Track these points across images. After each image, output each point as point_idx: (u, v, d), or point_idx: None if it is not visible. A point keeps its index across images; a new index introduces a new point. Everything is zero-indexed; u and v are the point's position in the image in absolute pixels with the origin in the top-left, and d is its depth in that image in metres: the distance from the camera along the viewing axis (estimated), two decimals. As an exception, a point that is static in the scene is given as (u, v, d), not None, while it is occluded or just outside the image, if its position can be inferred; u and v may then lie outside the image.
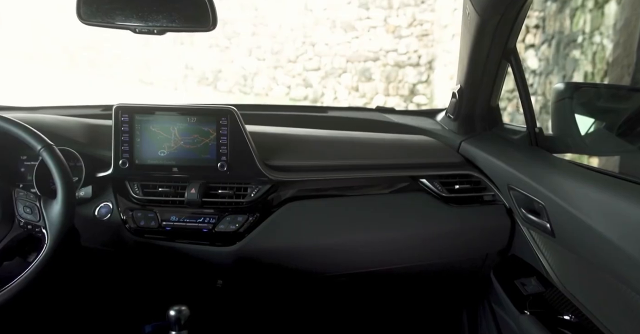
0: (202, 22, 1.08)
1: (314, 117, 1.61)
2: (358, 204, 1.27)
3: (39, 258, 0.95)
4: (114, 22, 1.09)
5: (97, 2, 1.07)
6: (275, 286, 1.40)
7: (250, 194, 1.21)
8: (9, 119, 1.01)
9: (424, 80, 8.07)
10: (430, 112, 1.63)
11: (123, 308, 1.42)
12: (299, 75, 8.88)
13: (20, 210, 0.99)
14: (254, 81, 9.21)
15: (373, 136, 1.41)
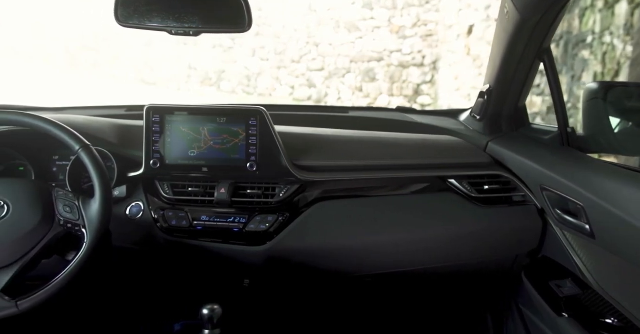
0: (238, 23, 1.09)
1: (335, 118, 1.62)
2: (386, 204, 1.28)
3: (79, 256, 0.96)
4: (151, 24, 1.10)
5: (135, 5, 1.08)
6: (303, 286, 1.41)
7: (279, 194, 1.22)
8: (49, 120, 1.02)
9: (428, 81, 8.07)
10: (451, 113, 1.64)
11: (153, 307, 1.43)
12: (303, 75, 8.87)
13: (60, 209, 1.00)
14: (258, 82, 9.20)
15: (400, 136, 1.41)
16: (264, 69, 9.11)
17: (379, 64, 8.34)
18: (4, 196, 0.99)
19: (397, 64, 8.20)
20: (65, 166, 1.28)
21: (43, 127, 1.02)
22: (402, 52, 8.14)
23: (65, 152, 1.28)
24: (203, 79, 9.57)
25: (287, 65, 8.96)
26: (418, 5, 7.85)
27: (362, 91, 8.54)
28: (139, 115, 1.43)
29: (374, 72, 8.40)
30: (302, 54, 8.81)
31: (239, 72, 9.27)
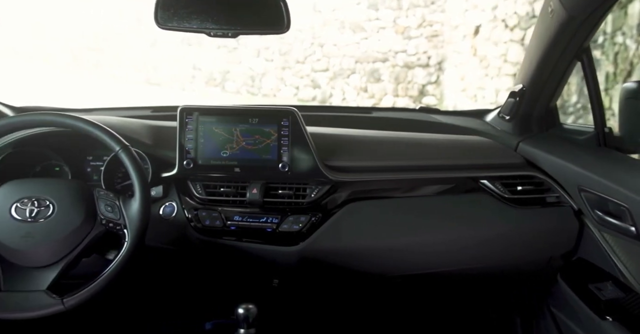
0: (276, 24, 1.09)
1: (358, 118, 1.63)
2: (418, 205, 1.28)
3: (121, 254, 0.98)
4: (190, 26, 1.11)
5: (174, 7, 1.09)
6: (333, 286, 1.41)
7: (311, 195, 1.23)
8: (90, 121, 1.04)
9: (434, 81, 8.07)
10: (476, 113, 1.64)
11: (183, 305, 1.43)
12: (307, 76, 8.87)
13: (102, 208, 1.02)
14: (262, 82, 9.20)
15: (429, 136, 1.41)
16: (268, 69, 9.10)
17: (384, 65, 8.33)
18: (49, 195, 1.00)
19: (402, 65, 8.20)
20: (98, 166, 1.30)
21: (84, 128, 1.03)
22: (407, 53, 8.14)
23: (99, 153, 1.30)
24: (207, 79, 9.57)
25: (291, 66, 8.96)
26: (423, 6, 7.85)
27: (367, 92, 8.54)
28: (165, 116, 1.46)
29: (378, 72, 8.39)
30: (306, 54, 8.81)
31: (244, 73, 9.28)
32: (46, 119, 1.05)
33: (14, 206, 0.98)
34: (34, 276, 0.96)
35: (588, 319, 1.10)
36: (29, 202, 0.99)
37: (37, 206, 0.99)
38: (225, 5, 1.09)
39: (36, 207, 0.98)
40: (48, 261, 0.97)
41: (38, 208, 0.98)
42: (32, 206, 0.98)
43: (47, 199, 1.00)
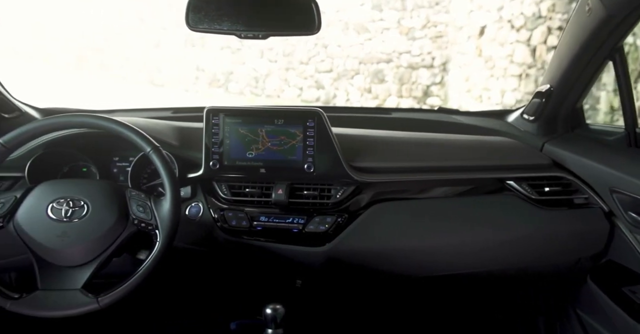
0: (308, 25, 1.09)
1: (378, 119, 1.63)
2: (443, 206, 1.27)
3: (153, 254, 1.00)
4: (220, 28, 1.11)
5: (205, 9, 1.09)
6: (358, 287, 1.41)
7: (336, 195, 1.23)
8: (122, 123, 1.05)
9: (438, 82, 8.06)
10: (496, 113, 1.63)
11: (209, 305, 1.43)
12: (311, 77, 8.87)
13: (134, 208, 1.03)
14: (266, 83, 9.20)
15: (453, 137, 1.41)
16: (272, 70, 9.10)
17: (388, 66, 8.33)
18: (83, 196, 1.02)
19: (406, 66, 8.19)
20: (124, 167, 1.31)
21: (117, 130, 1.04)
22: (411, 54, 8.13)
23: (124, 154, 1.31)
24: (211, 80, 9.57)
25: (295, 67, 8.96)
26: (428, 7, 7.84)
27: (370, 93, 8.54)
28: (186, 117, 1.46)
29: (382, 73, 8.39)
30: (310, 55, 8.81)
31: (247, 74, 9.27)
32: (80, 121, 1.06)
33: (50, 206, 1.00)
34: (69, 275, 0.97)
35: (622, 322, 1.09)
36: (64, 202, 1.00)
37: (72, 206, 1.00)
38: (257, 7, 1.09)
39: (71, 207, 1.00)
40: (82, 260, 0.98)
41: (73, 208, 1.00)
42: (68, 206, 1.00)
43: (82, 200, 1.01)
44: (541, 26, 5.11)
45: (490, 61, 6.29)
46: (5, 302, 0.95)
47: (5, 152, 1.03)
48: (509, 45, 5.78)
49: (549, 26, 4.98)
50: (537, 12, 5.18)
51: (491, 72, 6.30)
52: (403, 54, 8.18)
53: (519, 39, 5.56)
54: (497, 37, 6.07)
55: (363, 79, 8.51)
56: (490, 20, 6.23)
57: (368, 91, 8.53)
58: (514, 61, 5.72)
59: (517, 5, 5.56)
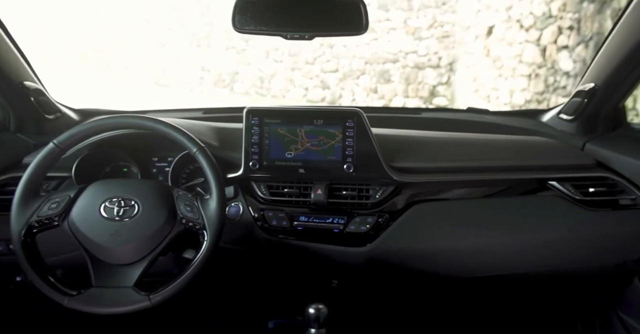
0: (355, 26, 1.09)
1: (408, 119, 1.62)
2: (484, 206, 1.26)
3: (201, 253, 1.00)
4: (267, 30, 1.11)
5: (251, 11, 1.09)
6: (399, 287, 1.40)
7: (375, 196, 1.23)
8: (169, 124, 1.06)
9: (444, 82, 8.06)
10: (527, 113, 1.62)
11: (246, 304, 1.43)
12: (317, 77, 8.86)
13: (182, 208, 1.04)
14: (271, 83, 9.20)
15: (492, 137, 1.40)
16: (277, 70, 9.09)
17: (394, 66, 8.32)
18: (134, 195, 1.03)
19: (412, 66, 8.19)
20: (163, 167, 1.34)
21: (164, 130, 1.05)
22: (417, 54, 8.12)
23: (163, 154, 1.33)
24: (216, 80, 9.56)
25: (300, 67, 8.95)
26: (434, 7, 7.84)
27: (376, 93, 8.53)
28: (217, 117, 1.47)
29: (389, 73, 8.38)
30: (316, 55, 8.80)
31: (252, 74, 9.27)
32: (130, 122, 1.07)
33: (102, 205, 1.01)
34: (121, 272, 0.99)
35: None
36: (116, 201, 1.02)
37: (123, 205, 1.02)
38: (304, 8, 1.09)
39: (122, 206, 1.01)
40: (133, 259, 1.00)
41: (124, 208, 1.01)
42: (119, 205, 1.01)
43: (132, 199, 1.03)
44: (551, 26, 5.10)
45: (499, 61, 6.28)
46: (63, 298, 0.97)
47: (60, 153, 1.05)
48: (518, 45, 5.78)
49: (560, 26, 4.97)
50: (548, 12, 5.16)
51: (499, 72, 6.29)
52: (409, 54, 8.18)
53: (528, 39, 5.55)
54: (505, 36, 6.07)
55: (369, 79, 8.50)
56: (498, 20, 6.22)
57: (374, 91, 8.52)
58: (522, 61, 5.71)
59: (526, 4, 5.55)
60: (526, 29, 5.59)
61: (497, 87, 6.37)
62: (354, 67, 8.57)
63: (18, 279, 1.35)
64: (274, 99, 9.07)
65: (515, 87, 5.92)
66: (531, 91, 5.60)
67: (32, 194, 1.02)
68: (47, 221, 1.00)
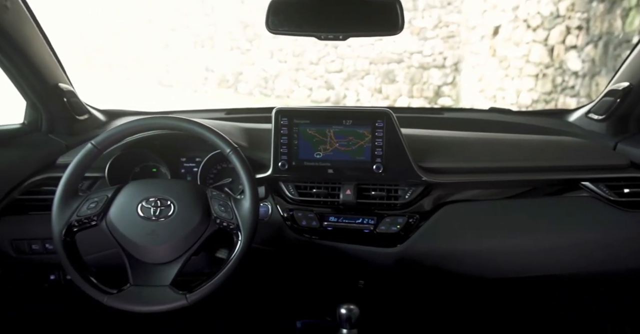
0: (391, 26, 1.08)
1: (430, 119, 1.61)
2: (516, 207, 1.25)
3: (236, 252, 1.01)
4: (301, 31, 1.10)
5: (285, 12, 1.08)
6: (429, 287, 1.39)
7: (404, 196, 1.23)
8: (202, 124, 1.06)
9: (450, 82, 8.05)
10: (552, 113, 1.61)
11: (275, 304, 1.43)
12: (321, 77, 8.86)
13: (216, 208, 1.04)
14: (275, 83, 9.19)
15: (520, 137, 1.38)
16: (281, 70, 9.09)
17: (399, 66, 8.31)
18: (170, 195, 1.03)
19: (417, 66, 8.18)
20: (191, 167, 1.34)
21: (198, 131, 1.06)
22: (422, 54, 8.11)
23: (191, 155, 1.34)
24: (220, 81, 9.56)
25: (305, 67, 8.95)
26: (439, 7, 7.83)
27: (381, 93, 8.52)
28: (238, 118, 1.48)
29: (393, 73, 8.37)
30: (320, 56, 8.80)
31: (257, 74, 9.27)
32: (165, 123, 1.08)
33: (139, 205, 1.02)
34: (158, 272, 1.00)
35: None
36: (152, 201, 1.02)
37: (159, 205, 1.02)
38: (339, 9, 1.08)
39: (159, 206, 1.02)
40: (169, 258, 1.00)
41: (160, 207, 1.02)
42: (156, 205, 1.02)
43: (168, 199, 1.03)
44: (559, 26, 5.08)
45: (505, 61, 6.27)
46: (103, 297, 0.97)
47: (97, 153, 1.05)
48: (525, 45, 5.76)
49: (568, 25, 4.96)
50: (555, 12, 5.15)
51: (506, 72, 6.28)
52: (414, 54, 8.17)
53: (536, 39, 5.54)
54: (512, 36, 6.05)
55: (373, 79, 8.50)
56: (505, 20, 6.21)
57: (378, 91, 8.52)
58: (530, 61, 5.70)
59: (533, 4, 5.54)
60: (533, 28, 5.58)
61: (504, 87, 6.36)
62: (358, 68, 8.56)
63: (52, 277, 1.37)
64: (278, 100, 9.07)
65: (522, 87, 5.91)
66: (538, 91, 5.59)
67: (71, 194, 1.03)
68: (87, 221, 1.01)
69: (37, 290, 1.39)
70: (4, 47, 1.17)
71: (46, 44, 1.27)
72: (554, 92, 5.31)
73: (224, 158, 1.29)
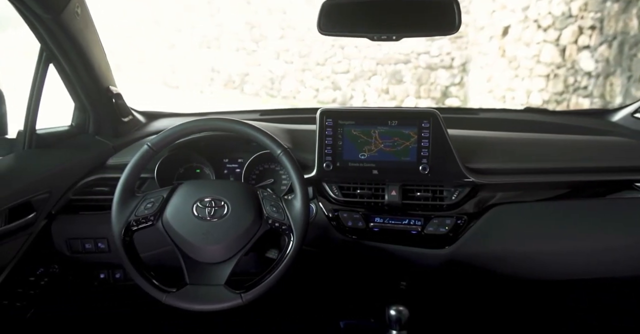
0: (447, 25, 1.06)
1: (466, 119, 1.60)
2: (566, 209, 1.23)
3: (289, 253, 1.01)
4: (354, 32, 1.08)
5: (338, 14, 1.08)
6: (478, 289, 1.38)
7: (451, 197, 1.21)
8: (254, 126, 1.06)
9: (457, 83, 8.03)
10: (592, 112, 1.59)
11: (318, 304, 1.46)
12: (328, 78, 8.85)
13: (268, 208, 1.04)
14: (281, 84, 9.18)
15: (565, 137, 1.36)
16: (288, 71, 9.08)
17: (406, 66, 8.30)
18: (223, 196, 1.04)
19: (424, 66, 8.17)
20: (234, 168, 1.35)
21: (249, 133, 1.06)
22: (430, 54, 8.10)
23: (233, 156, 1.35)
24: (226, 81, 9.55)
25: (311, 68, 8.93)
26: (447, 7, 7.81)
27: (388, 93, 8.51)
28: (272, 119, 1.49)
29: (400, 74, 8.36)
30: (327, 56, 8.78)
31: (263, 75, 9.25)
32: (217, 125, 1.08)
33: (194, 205, 1.03)
34: (212, 271, 1.01)
35: None
36: (207, 202, 1.03)
37: (214, 205, 1.02)
38: (393, 9, 1.06)
39: (213, 206, 1.02)
40: (223, 258, 1.01)
41: (215, 208, 1.02)
42: (210, 205, 1.02)
43: (222, 199, 1.03)
44: (571, 26, 5.07)
45: (515, 61, 6.26)
46: (162, 295, 0.99)
47: (153, 154, 1.06)
48: (536, 45, 5.75)
49: (580, 25, 4.94)
50: (567, 12, 5.13)
51: (516, 72, 6.26)
52: (421, 55, 8.15)
53: (547, 39, 5.53)
54: (522, 37, 6.04)
55: (380, 79, 8.48)
56: (514, 20, 6.19)
57: (385, 92, 8.50)
58: (540, 61, 5.68)
59: (544, 4, 5.52)
60: (544, 29, 5.56)
61: (513, 87, 6.34)
62: (365, 68, 8.55)
63: (102, 276, 1.38)
64: (284, 100, 9.06)
65: (532, 88, 5.89)
66: (549, 91, 5.57)
67: (129, 194, 1.04)
68: (144, 220, 1.02)
69: (86, 289, 1.41)
70: (69, 52, 1.20)
71: (102, 48, 1.30)
72: (565, 93, 5.30)
73: (266, 159, 1.31)
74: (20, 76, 1.74)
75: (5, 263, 1.14)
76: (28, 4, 1.07)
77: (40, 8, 1.08)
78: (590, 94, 4.85)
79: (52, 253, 1.29)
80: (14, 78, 1.99)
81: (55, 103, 1.40)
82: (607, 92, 4.51)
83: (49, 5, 1.08)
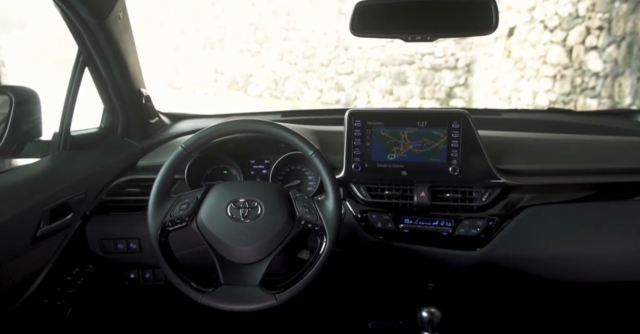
0: (484, 25, 1.05)
1: (489, 120, 1.59)
2: (599, 210, 1.22)
3: (323, 253, 1.01)
4: (388, 33, 1.08)
5: (372, 16, 1.07)
6: (509, 291, 1.37)
7: (481, 198, 1.20)
8: (285, 127, 1.06)
9: (462, 84, 8.02)
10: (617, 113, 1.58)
11: (347, 304, 1.46)
12: (332, 79, 8.84)
13: (300, 209, 1.04)
14: (285, 85, 9.17)
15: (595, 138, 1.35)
16: (291, 72, 9.07)
17: (410, 67, 8.29)
18: (256, 197, 1.04)
19: (429, 67, 8.16)
20: (260, 169, 1.35)
21: (281, 134, 1.06)
22: (434, 55, 8.10)
23: (260, 157, 1.35)
24: (230, 83, 9.54)
25: (315, 69, 8.92)
26: (452, 8, 7.80)
27: (392, 94, 8.50)
28: (295, 120, 1.50)
29: (404, 75, 8.35)
30: (331, 57, 8.78)
31: (267, 76, 9.25)
32: (249, 126, 1.08)
33: (228, 206, 1.03)
34: (246, 271, 1.01)
35: None
36: (241, 203, 1.03)
37: (247, 206, 1.03)
38: (428, 10, 1.05)
39: (247, 207, 1.03)
40: (256, 258, 1.01)
41: (248, 209, 1.03)
42: (244, 206, 1.03)
43: (255, 201, 1.03)
44: (579, 26, 5.05)
45: (521, 62, 6.24)
46: (198, 295, 0.99)
47: (187, 156, 1.07)
48: (542, 46, 5.73)
49: (588, 26, 4.93)
50: (574, 12, 5.12)
51: (522, 73, 6.25)
52: (426, 56, 8.15)
53: (553, 40, 5.51)
54: (528, 38, 6.03)
55: (384, 81, 8.47)
56: (520, 21, 6.18)
57: (390, 93, 8.49)
58: (547, 62, 5.67)
59: (551, 5, 5.51)
60: (551, 29, 5.55)
61: (519, 88, 6.33)
62: (369, 69, 8.54)
63: (132, 276, 1.39)
64: (288, 102, 9.05)
65: (538, 89, 5.88)
66: (556, 92, 5.56)
67: (164, 195, 1.05)
68: (179, 221, 1.02)
69: (118, 289, 1.41)
70: (108, 55, 1.22)
71: (136, 50, 1.32)
72: (572, 93, 5.29)
73: (293, 160, 1.31)
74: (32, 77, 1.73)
75: (45, 262, 1.15)
76: (77, 8, 1.08)
77: (88, 13, 1.10)
78: (598, 94, 4.84)
79: (87, 253, 1.30)
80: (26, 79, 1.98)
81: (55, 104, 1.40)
82: (616, 92, 4.50)
83: (96, 10, 1.10)
